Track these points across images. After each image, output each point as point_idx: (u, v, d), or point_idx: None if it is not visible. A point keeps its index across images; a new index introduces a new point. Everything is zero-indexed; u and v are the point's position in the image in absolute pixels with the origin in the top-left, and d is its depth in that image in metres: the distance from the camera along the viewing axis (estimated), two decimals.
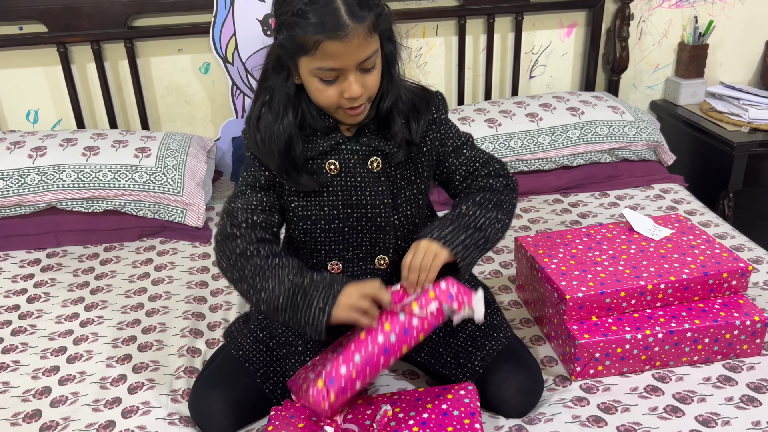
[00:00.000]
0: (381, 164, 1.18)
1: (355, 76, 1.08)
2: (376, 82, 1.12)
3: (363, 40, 1.04)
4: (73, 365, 1.37)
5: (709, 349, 1.30)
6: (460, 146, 1.27)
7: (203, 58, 2.14)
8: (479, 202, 1.19)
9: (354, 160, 1.18)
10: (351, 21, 1.02)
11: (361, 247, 1.22)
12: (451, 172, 1.27)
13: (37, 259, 1.77)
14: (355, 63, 1.06)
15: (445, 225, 1.15)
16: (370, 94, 1.13)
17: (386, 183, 1.19)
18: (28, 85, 2.09)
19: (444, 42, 2.25)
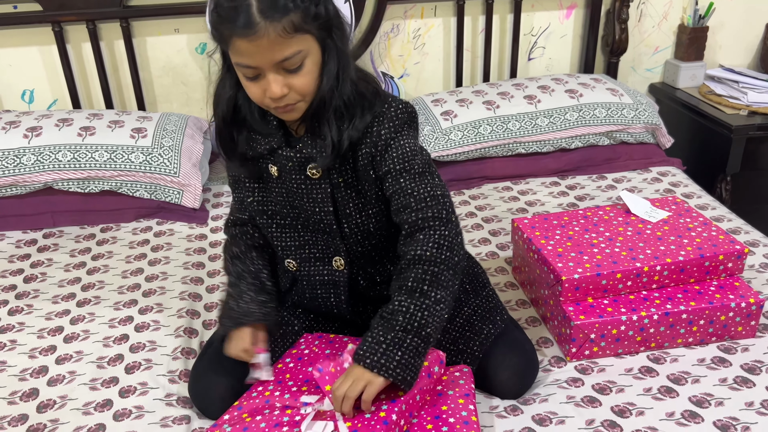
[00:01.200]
0: (322, 171, 1.13)
1: (275, 75, 1.03)
2: (307, 84, 1.05)
3: (277, 40, 0.99)
4: (70, 345, 1.37)
5: (704, 330, 1.30)
6: (398, 171, 1.12)
7: (199, 38, 2.12)
8: (411, 289, 1.05)
9: (290, 166, 1.15)
10: (262, 19, 0.97)
11: (317, 247, 1.20)
12: (388, 196, 1.14)
13: (33, 239, 1.77)
14: (269, 63, 1.01)
15: (378, 343, 1.02)
16: (301, 95, 1.06)
17: (326, 190, 1.15)
18: (23, 65, 2.08)
19: (442, 23, 2.24)
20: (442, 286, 1.06)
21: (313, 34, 1.03)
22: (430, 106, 2.08)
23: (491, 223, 1.80)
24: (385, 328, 1.03)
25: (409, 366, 1.02)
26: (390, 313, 1.05)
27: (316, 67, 1.06)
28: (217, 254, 1.68)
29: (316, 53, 1.05)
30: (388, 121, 1.12)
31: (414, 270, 1.06)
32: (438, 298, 1.05)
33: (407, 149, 1.13)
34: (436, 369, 1.11)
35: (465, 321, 1.23)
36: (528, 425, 1.13)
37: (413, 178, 1.12)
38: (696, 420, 1.13)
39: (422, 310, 1.04)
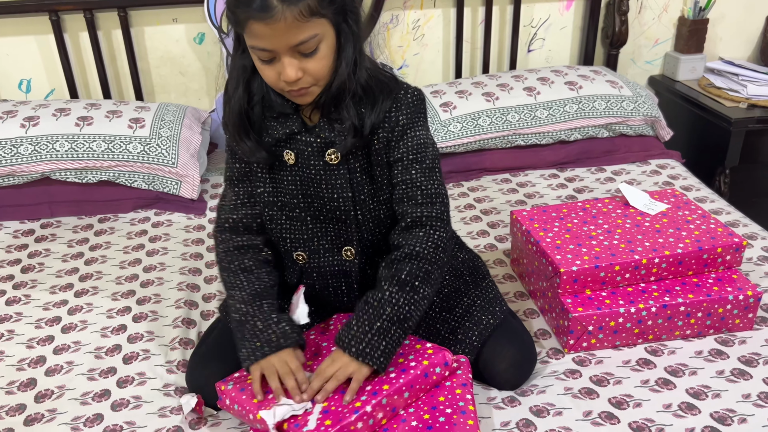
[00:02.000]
0: (341, 157, 1.14)
1: (290, 59, 1.03)
2: (322, 68, 1.05)
3: (294, 24, 0.99)
4: (67, 335, 1.37)
5: (701, 323, 1.30)
6: (411, 161, 1.14)
7: (198, 29, 2.11)
8: (404, 282, 1.08)
9: (308, 152, 1.14)
10: (279, 3, 0.97)
11: (327, 238, 1.20)
12: (394, 183, 1.16)
13: (31, 229, 1.77)
14: (285, 46, 1.02)
15: (364, 332, 1.05)
16: (315, 79, 1.07)
17: (345, 176, 1.15)
18: (21, 54, 2.06)
19: (442, 14, 2.23)
20: (430, 284, 1.11)
21: (328, 19, 1.04)
22: (429, 97, 2.07)
23: (490, 215, 1.79)
24: (371, 316, 1.07)
25: (391, 355, 1.07)
26: (378, 301, 1.07)
27: (331, 51, 1.07)
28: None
29: (331, 37, 1.06)
30: (406, 107, 1.14)
31: (409, 264, 1.10)
32: (425, 294, 1.10)
33: (421, 140, 1.16)
34: (438, 370, 1.10)
35: (464, 311, 1.23)
36: (525, 416, 1.14)
37: (423, 172, 1.15)
38: (693, 412, 1.14)
39: (410, 304, 1.08)
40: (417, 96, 1.16)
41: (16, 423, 1.16)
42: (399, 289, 1.08)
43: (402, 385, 1.06)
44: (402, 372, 1.07)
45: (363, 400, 1.03)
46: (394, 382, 1.06)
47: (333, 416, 1.01)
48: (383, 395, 1.04)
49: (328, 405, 1.04)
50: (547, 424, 1.12)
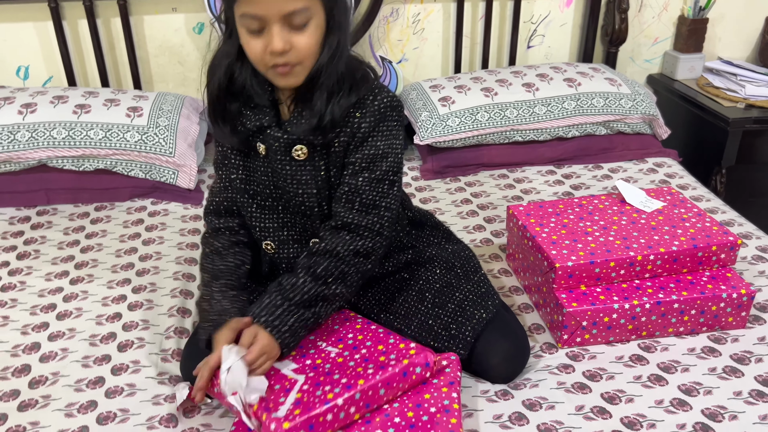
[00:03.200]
0: (307, 153, 1.16)
1: (280, 29, 1.04)
2: (309, 45, 1.06)
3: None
4: (62, 322, 1.37)
5: (695, 320, 1.31)
6: (361, 168, 1.15)
7: (197, 18, 2.10)
8: (318, 275, 1.12)
9: (276, 147, 1.16)
10: None
11: (295, 229, 1.23)
12: (340, 184, 1.18)
13: (26, 216, 1.76)
14: (277, 13, 1.03)
15: (276, 306, 1.10)
16: (300, 57, 1.07)
17: (311, 172, 1.17)
18: (19, 41, 2.06)
19: (442, 8, 2.23)
20: (345, 284, 1.15)
21: (321, 1, 1.06)
22: (428, 91, 2.07)
23: (486, 210, 1.80)
24: (283, 297, 1.12)
25: (297, 335, 1.11)
26: (291, 286, 1.12)
27: (319, 32, 1.08)
28: None
29: (321, 19, 1.08)
30: (371, 114, 1.14)
31: (327, 261, 1.14)
32: (338, 292, 1.14)
33: (379, 150, 1.16)
34: (418, 370, 1.10)
35: (457, 306, 1.23)
36: (518, 410, 1.14)
37: (370, 182, 1.16)
38: (684, 408, 1.14)
39: (319, 295, 1.13)
40: (386, 104, 1.15)
41: (10, 408, 1.16)
42: (312, 280, 1.13)
43: (378, 382, 1.06)
44: (380, 369, 1.07)
45: (336, 392, 1.03)
46: (370, 378, 1.06)
47: (303, 406, 1.02)
48: (357, 390, 1.04)
49: (302, 396, 1.03)
50: (540, 417, 1.13)
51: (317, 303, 1.13)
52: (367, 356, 1.11)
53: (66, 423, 1.13)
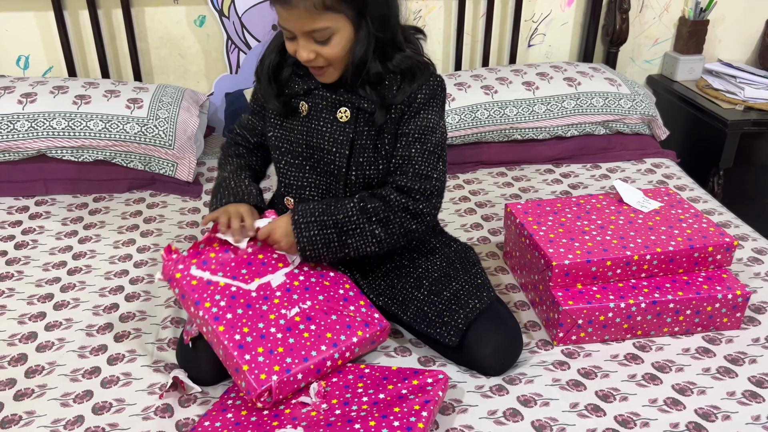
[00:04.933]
0: (350, 116, 1.24)
1: (305, 42, 1.16)
2: (333, 54, 1.16)
3: (307, 14, 1.11)
4: (59, 312, 1.37)
5: (690, 320, 1.32)
6: (415, 139, 1.24)
7: (198, 11, 2.10)
8: (365, 209, 1.21)
9: (322, 106, 1.26)
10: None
11: (317, 189, 1.30)
12: (394, 155, 1.26)
13: (25, 206, 1.76)
14: (300, 31, 1.14)
15: (312, 213, 1.22)
16: (329, 63, 1.18)
17: (348, 135, 1.25)
18: (19, 30, 2.05)
19: (444, 5, 2.23)
20: (386, 230, 1.22)
21: (345, 14, 1.13)
22: None
23: (484, 207, 1.80)
24: (325, 210, 1.21)
25: (314, 246, 1.21)
26: (337, 205, 1.22)
27: (346, 42, 1.17)
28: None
29: (347, 31, 1.17)
30: (427, 88, 1.24)
31: (377, 202, 1.22)
32: (376, 233, 1.21)
33: (431, 123, 1.25)
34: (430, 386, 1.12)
35: (452, 295, 1.24)
36: (513, 406, 1.15)
37: (422, 153, 1.24)
38: (678, 407, 1.15)
39: (358, 225, 1.20)
40: (438, 83, 1.26)
41: (6, 397, 1.16)
42: (359, 210, 1.21)
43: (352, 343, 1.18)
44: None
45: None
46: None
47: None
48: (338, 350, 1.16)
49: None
50: (534, 414, 1.13)
51: (350, 233, 1.20)
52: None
53: (62, 412, 1.13)
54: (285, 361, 1.10)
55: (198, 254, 1.23)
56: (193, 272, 1.20)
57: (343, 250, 1.22)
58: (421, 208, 1.23)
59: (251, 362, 1.09)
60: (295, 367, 1.10)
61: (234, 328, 1.12)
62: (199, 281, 1.19)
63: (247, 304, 1.17)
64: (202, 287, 1.18)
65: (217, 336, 1.12)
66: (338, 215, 1.21)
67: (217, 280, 1.19)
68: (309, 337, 1.15)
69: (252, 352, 1.10)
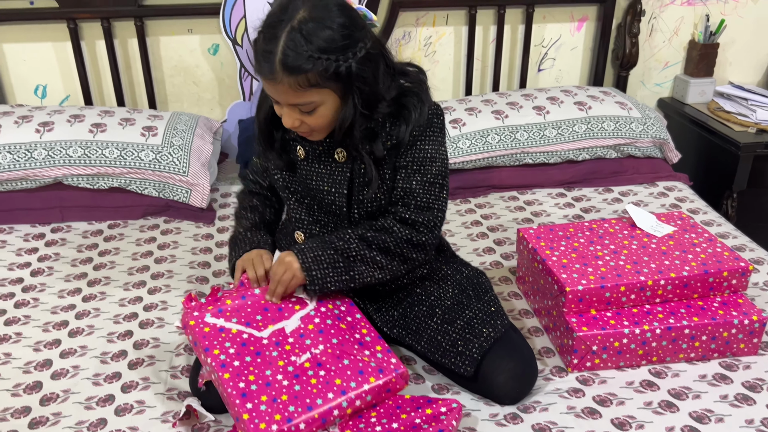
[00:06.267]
0: (346, 157, 1.24)
1: (289, 111, 1.16)
2: (318, 123, 1.17)
3: (290, 90, 1.11)
4: (74, 339, 1.38)
5: (706, 346, 1.30)
6: (414, 171, 1.24)
7: (212, 39, 2.14)
8: (364, 236, 1.22)
9: (319, 150, 1.26)
10: (281, 71, 1.09)
11: (327, 227, 1.31)
12: (394, 188, 1.25)
13: (41, 233, 1.78)
14: (285, 102, 1.15)
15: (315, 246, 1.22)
16: (312, 129, 1.18)
17: (346, 174, 1.25)
18: (37, 60, 2.09)
19: (454, 32, 2.25)
20: (387, 256, 1.22)
21: (330, 88, 1.13)
22: None
23: (496, 232, 1.80)
24: (323, 240, 1.23)
25: (325, 278, 1.20)
26: (335, 236, 1.23)
27: (331, 111, 1.17)
28: (223, 254, 1.70)
29: (333, 101, 1.15)
30: (426, 123, 1.24)
31: (377, 233, 1.22)
32: (377, 259, 1.22)
33: (428, 153, 1.24)
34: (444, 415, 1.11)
35: (465, 323, 1.24)
36: None
37: (423, 184, 1.24)
38: None
39: (359, 252, 1.21)
40: (433, 111, 1.25)
41: (21, 425, 1.17)
42: (358, 238, 1.22)
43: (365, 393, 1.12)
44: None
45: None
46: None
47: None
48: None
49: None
50: None
51: (352, 258, 1.21)
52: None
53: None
54: (287, 410, 1.05)
55: (215, 301, 1.24)
56: (207, 319, 1.20)
57: (348, 273, 1.21)
58: (424, 240, 1.24)
59: (252, 411, 1.05)
60: (297, 417, 1.05)
61: (239, 375, 1.10)
62: (212, 328, 1.18)
63: (257, 351, 1.15)
64: (214, 334, 1.17)
65: (222, 383, 1.10)
66: (338, 242, 1.22)
67: (230, 327, 1.18)
68: (316, 383, 1.10)
69: (255, 400, 1.06)
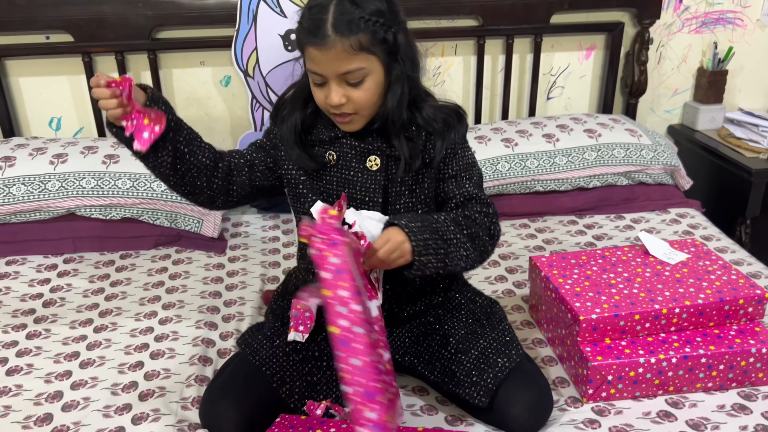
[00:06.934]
0: (380, 164, 1.23)
1: (337, 85, 1.14)
2: (364, 98, 1.16)
3: (343, 54, 1.11)
4: (85, 371, 1.38)
5: (723, 376, 1.28)
6: (463, 178, 1.27)
7: (224, 71, 2.17)
8: (456, 220, 1.19)
9: (351, 155, 1.24)
10: (333, 33, 1.10)
11: None
12: (448, 197, 1.27)
13: (54, 264, 1.79)
14: (334, 73, 1.13)
15: (415, 218, 1.15)
16: (358, 108, 1.17)
17: (380, 183, 1.23)
18: (52, 93, 2.13)
19: (462, 61, 2.27)
20: (474, 243, 1.18)
21: (378, 57, 1.14)
22: None
23: (508, 260, 1.79)
24: (422, 218, 1.15)
25: (427, 249, 1.11)
26: (430, 216, 1.17)
27: (377, 86, 1.17)
28: (235, 284, 1.69)
29: (379, 74, 1.16)
30: (463, 126, 1.28)
31: (464, 219, 1.19)
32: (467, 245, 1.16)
33: (469, 159, 1.29)
34: None
35: (480, 353, 1.23)
36: None
37: (475, 186, 1.27)
38: None
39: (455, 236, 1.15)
40: (465, 121, 1.29)
41: None
42: (452, 221, 1.17)
43: None
44: None
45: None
46: None
47: None
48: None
49: None
50: None
51: (449, 242, 1.15)
52: None
53: None
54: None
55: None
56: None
57: (444, 260, 1.14)
58: (498, 231, 1.25)
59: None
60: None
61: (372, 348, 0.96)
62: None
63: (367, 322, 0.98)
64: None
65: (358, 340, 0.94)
66: (435, 224, 1.15)
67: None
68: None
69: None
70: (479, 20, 2.19)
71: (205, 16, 2.05)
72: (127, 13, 2.01)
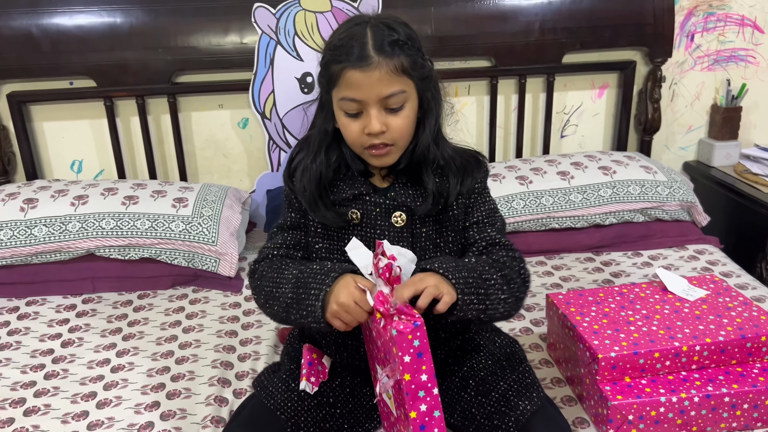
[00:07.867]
0: (405, 220, 1.20)
1: (377, 111, 1.12)
2: (404, 126, 1.14)
3: (386, 76, 1.09)
4: (102, 411, 1.38)
5: (748, 415, 1.25)
6: (486, 224, 1.25)
7: (242, 114, 2.21)
8: (490, 262, 1.16)
9: (376, 213, 1.21)
10: (376, 54, 1.09)
11: None
12: (469, 243, 1.25)
13: (72, 304, 1.81)
14: (376, 96, 1.11)
15: (449, 260, 1.12)
16: (395, 137, 1.15)
17: (408, 239, 1.21)
18: (75, 137, 2.18)
19: (476, 101, 2.30)
20: (508, 286, 1.14)
21: (414, 83, 1.14)
22: None
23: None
24: (455, 261, 1.12)
25: (468, 286, 1.08)
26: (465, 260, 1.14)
27: (413, 113, 1.16)
28: (250, 323, 1.70)
29: (414, 100, 1.16)
30: (485, 174, 1.27)
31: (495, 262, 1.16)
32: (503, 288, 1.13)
33: (492, 205, 1.27)
34: None
35: (500, 396, 1.20)
36: None
37: (498, 231, 1.25)
38: None
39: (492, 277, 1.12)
40: (486, 166, 1.29)
41: None
42: (484, 261, 1.15)
43: None
44: None
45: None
46: None
47: None
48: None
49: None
50: None
51: (489, 285, 1.11)
52: None
53: None
54: None
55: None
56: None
57: (485, 301, 1.10)
58: (528, 275, 1.22)
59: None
60: None
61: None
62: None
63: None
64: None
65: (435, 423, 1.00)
66: (470, 264, 1.12)
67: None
68: None
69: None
70: (492, 61, 2.22)
71: (224, 60, 2.10)
72: (148, 58, 2.07)
